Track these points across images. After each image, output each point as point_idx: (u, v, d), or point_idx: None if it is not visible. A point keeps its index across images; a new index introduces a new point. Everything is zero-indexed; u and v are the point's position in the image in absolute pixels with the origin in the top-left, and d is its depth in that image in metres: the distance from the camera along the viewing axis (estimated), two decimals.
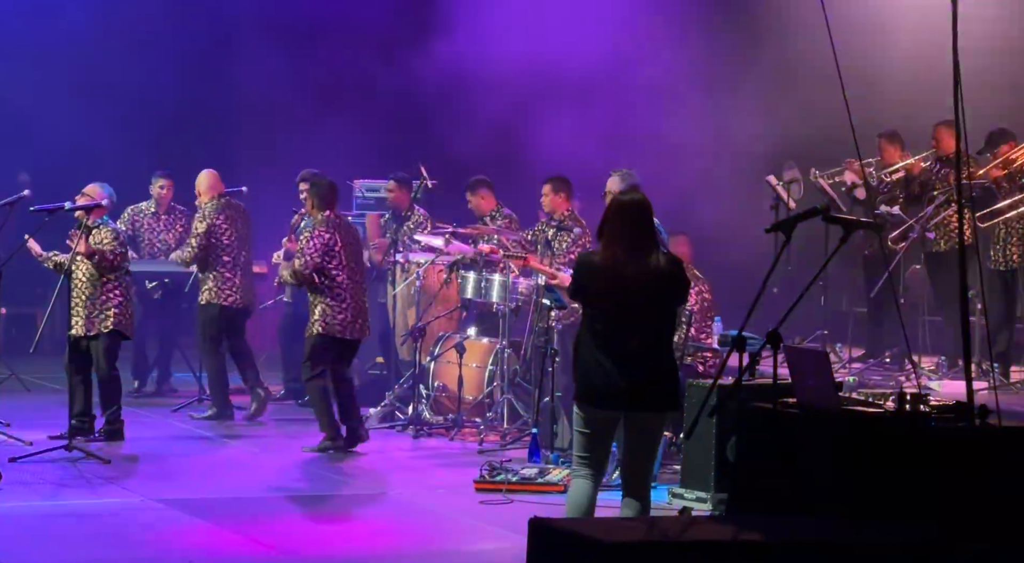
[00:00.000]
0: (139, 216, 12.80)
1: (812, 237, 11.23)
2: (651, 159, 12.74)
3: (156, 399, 12.66)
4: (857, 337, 12.38)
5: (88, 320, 10.32)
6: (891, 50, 13.07)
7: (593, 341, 6.59)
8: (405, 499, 8.89)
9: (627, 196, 6.77)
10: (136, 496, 8.68)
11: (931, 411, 5.89)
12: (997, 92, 11.69)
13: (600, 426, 6.65)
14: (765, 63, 13.92)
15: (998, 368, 10.56)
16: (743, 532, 5.23)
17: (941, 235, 11.39)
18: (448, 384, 11.31)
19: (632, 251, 6.56)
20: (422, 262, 11.93)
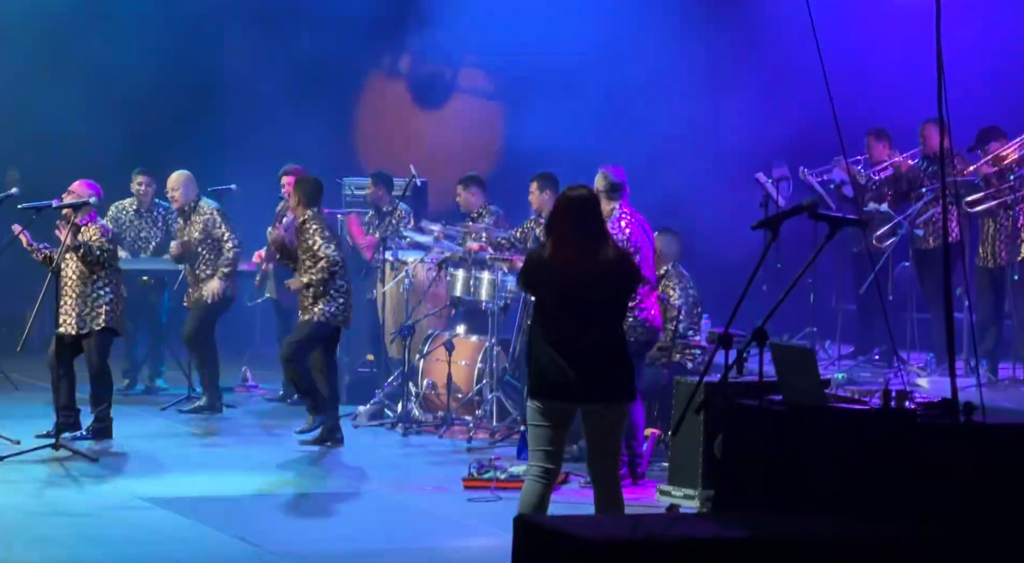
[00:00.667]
0: (122, 214, 12.79)
1: (801, 234, 11.24)
2: (641, 156, 12.75)
3: (144, 397, 12.63)
4: (846, 334, 12.39)
5: (79, 318, 10.31)
6: (880, 47, 13.07)
7: (545, 336, 6.62)
8: (394, 496, 8.89)
9: (574, 192, 6.76)
10: (124, 494, 8.67)
11: (916, 408, 5.89)
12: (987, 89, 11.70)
13: (555, 419, 6.66)
14: (755, 61, 13.94)
15: (985, 365, 10.57)
16: (729, 529, 5.23)
17: (929, 233, 11.40)
18: (437, 382, 11.30)
19: (581, 246, 6.59)
20: (411, 260, 11.93)
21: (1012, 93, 11.98)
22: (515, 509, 6.53)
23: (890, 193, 11.85)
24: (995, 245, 10.97)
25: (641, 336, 9.22)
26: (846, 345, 12.29)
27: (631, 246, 9.14)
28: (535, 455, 6.70)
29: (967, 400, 5.80)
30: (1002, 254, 10.93)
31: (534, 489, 6.66)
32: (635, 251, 9.15)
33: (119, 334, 10.67)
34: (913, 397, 5.96)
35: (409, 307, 11.67)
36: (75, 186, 10.44)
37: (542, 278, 6.67)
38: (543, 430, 6.67)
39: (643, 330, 9.22)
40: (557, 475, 6.81)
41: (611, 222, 9.21)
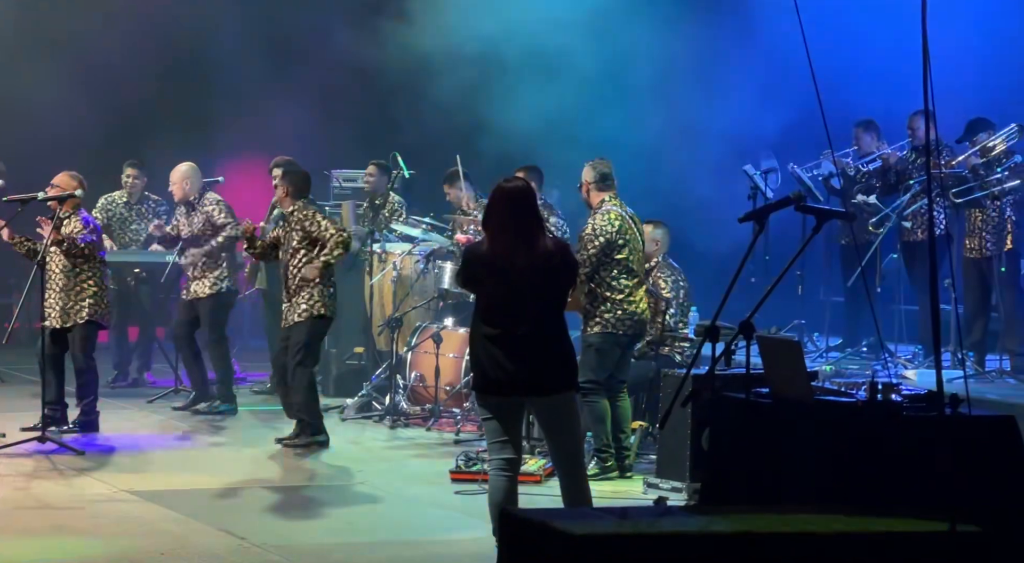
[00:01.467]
0: (112, 206, 12.74)
1: (790, 227, 11.23)
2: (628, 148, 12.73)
3: (132, 390, 12.60)
4: (834, 326, 12.40)
5: (63, 312, 10.27)
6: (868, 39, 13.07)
7: (486, 330, 6.63)
8: (381, 489, 8.87)
9: (510, 183, 6.78)
10: (109, 487, 8.65)
11: (903, 400, 5.89)
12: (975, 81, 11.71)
13: (502, 412, 6.69)
14: (743, 52, 13.91)
15: (972, 357, 10.58)
16: (715, 523, 5.22)
17: (917, 225, 11.41)
18: (425, 374, 11.29)
19: (519, 239, 6.60)
20: (399, 252, 11.91)
21: (1000, 84, 11.99)
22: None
23: (878, 185, 11.86)
24: (982, 236, 10.98)
25: (630, 330, 9.22)
26: (834, 337, 12.30)
27: (620, 238, 9.13)
28: (492, 448, 6.74)
29: (953, 392, 5.80)
30: (989, 245, 10.93)
31: (499, 484, 6.68)
32: (624, 243, 9.15)
33: (104, 327, 10.64)
34: (899, 389, 5.95)
35: (397, 299, 11.65)
36: (59, 178, 10.39)
37: (479, 272, 6.67)
38: (493, 423, 6.71)
39: (632, 323, 9.21)
40: (519, 463, 6.84)
41: (599, 214, 9.21)
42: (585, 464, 7.38)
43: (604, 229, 9.13)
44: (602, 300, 9.16)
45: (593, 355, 9.16)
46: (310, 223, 10.06)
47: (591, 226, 9.18)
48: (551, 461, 7.06)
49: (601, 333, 9.16)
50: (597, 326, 9.18)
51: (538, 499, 8.03)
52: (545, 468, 8.80)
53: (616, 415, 9.27)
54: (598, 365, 9.15)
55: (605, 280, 9.15)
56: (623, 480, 9.09)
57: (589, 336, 9.22)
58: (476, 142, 13.02)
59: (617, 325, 9.17)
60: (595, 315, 9.18)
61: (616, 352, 9.24)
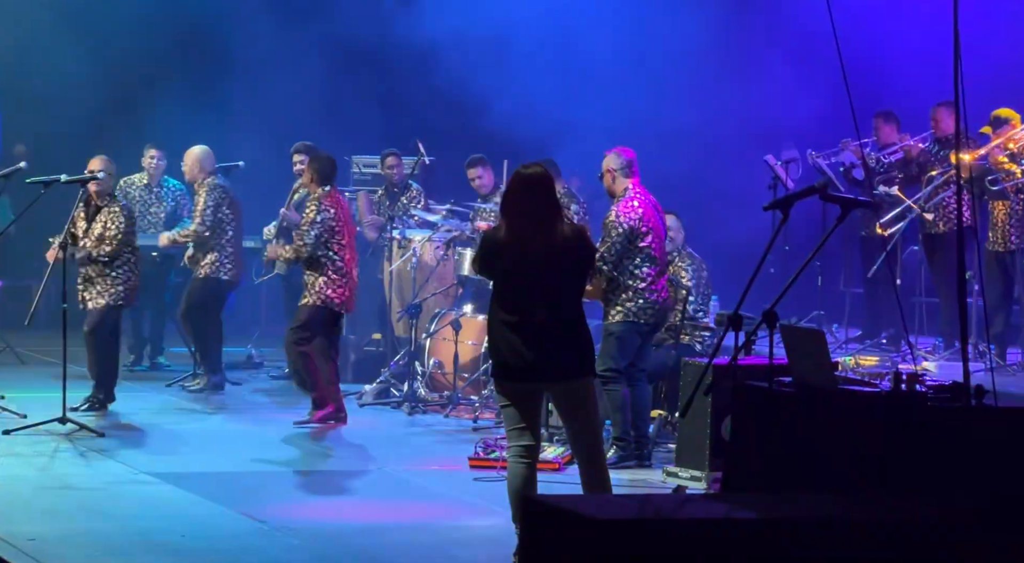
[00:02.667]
0: (131, 188, 12.76)
1: (810, 217, 11.22)
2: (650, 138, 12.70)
3: (150, 373, 12.64)
4: (854, 318, 12.37)
5: (96, 295, 10.38)
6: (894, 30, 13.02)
7: (503, 316, 6.62)
8: (399, 475, 8.88)
9: (528, 170, 6.76)
10: (130, 469, 8.67)
11: (927, 391, 5.87)
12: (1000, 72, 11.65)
13: (520, 399, 6.67)
14: (765, 41, 13.88)
15: (994, 350, 10.55)
16: (737, 510, 5.22)
17: (939, 217, 11.37)
18: (444, 361, 11.29)
19: (537, 225, 6.59)
20: (419, 238, 11.91)
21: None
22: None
23: (900, 176, 11.82)
24: (1005, 229, 10.93)
25: (651, 318, 9.20)
26: (853, 329, 12.26)
27: (643, 226, 9.11)
28: (510, 435, 6.73)
29: (978, 383, 5.78)
30: (1012, 238, 10.89)
31: (518, 470, 6.67)
32: (647, 231, 9.13)
33: (128, 305, 10.83)
34: (924, 380, 5.94)
35: (416, 286, 11.66)
36: (94, 163, 10.43)
37: (497, 258, 6.66)
38: (511, 410, 6.70)
39: (653, 312, 9.20)
40: (538, 450, 6.83)
41: (623, 202, 9.19)
42: (604, 451, 7.37)
43: (628, 216, 9.11)
44: (624, 288, 9.14)
45: (614, 343, 9.15)
46: (305, 218, 10.24)
47: (615, 213, 9.16)
48: (570, 448, 7.05)
49: (623, 321, 9.14)
50: (619, 315, 9.16)
51: (557, 487, 8.03)
52: (564, 456, 8.80)
53: (636, 404, 9.26)
54: (618, 353, 9.13)
55: (628, 268, 9.13)
56: (642, 469, 9.08)
57: (610, 324, 9.21)
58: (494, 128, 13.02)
59: (639, 314, 9.15)
60: (617, 303, 9.16)
61: (637, 340, 9.23)
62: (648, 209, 9.19)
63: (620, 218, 9.10)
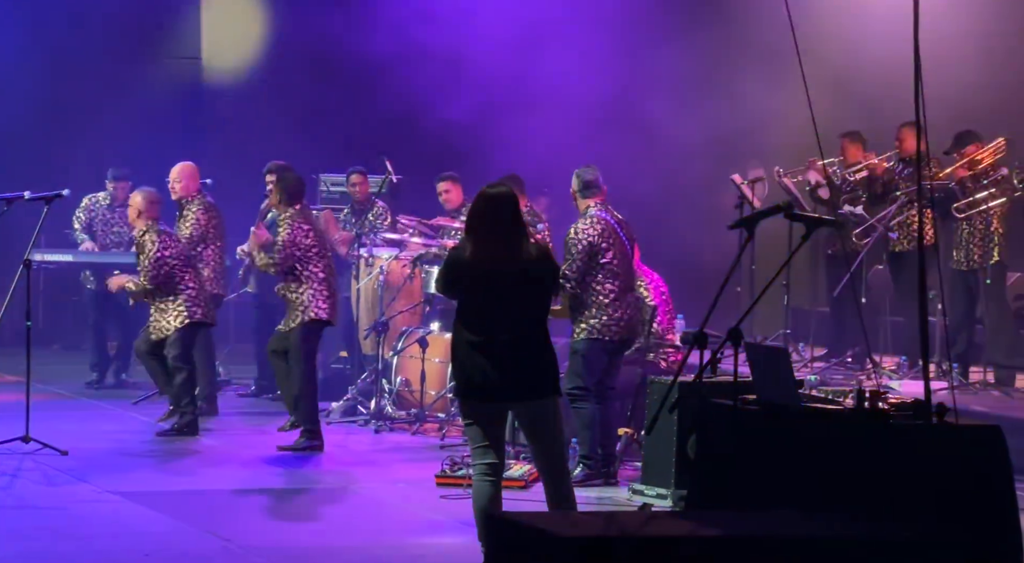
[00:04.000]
0: (95, 206, 12.73)
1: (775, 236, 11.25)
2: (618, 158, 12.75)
3: (116, 391, 12.57)
4: (819, 336, 12.42)
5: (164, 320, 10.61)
6: (858, 51, 13.12)
7: (467, 336, 6.65)
8: (367, 493, 8.87)
9: (493, 189, 6.79)
10: (94, 488, 8.63)
11: (890, 409, 5.91)
12: (963, 93, 11.75)
13: (484, 418, 6.70)
14: (730, 62, 13.96)
15: (957, 368, 10.61)
16: (703, 527, 5.24)
17: (904, 235, 11.45)
18: (411, 379, 11.28)
19: (502, 244, 6.62)
20: (386, 257, 11.91)
21: (988, 97, 12.03)
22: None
23: (864, 195, 11.89)
24: (969, 248, 11.02)
25: (616, 335, 9.22)
26: (819, 347, 12.32)
27: (603, 242, 9.15)
28: (475, 453, 6.75)
29: (940, 402, 5.82)
30: (975, 258, 10.97)
31: (483, 489, 6.69)
32: (608, 247, 9.16)
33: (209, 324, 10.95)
34: (887, 398, 5.98)
35: (383, 304, 11.65)
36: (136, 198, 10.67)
37: (462, 277, 6.68)
38: (475, 429, 6.72)
39: (618, 328, 9.22)
40: (503, 468, 6.85)
41: (582, 219, 9.23)
42: (569, 469, 7.39)
43: (586, 232, 9.15)
44: (588, 305, 9.17)
45: (580, 361, 9.17)
46: (280, 229, 10.19)
47: (573, 231, 9.22)
48: (535, 466, 7.08)
49: (587, 339, 9.17)
50: (584, 332, 9.18)
51: (523, 504, 8.02)
52: (530, 474, 8.81)
53: (604, 421, 9.28)
54: (585, 371, 9.15)
55: (591, 285, 9.16)
56: (608, 486, 9.10)
57: (576, 342, 9.23)
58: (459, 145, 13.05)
59: (603, 331, 9.17)
60: (581, 320, 9.19)
61: (604, 357, 9.24)
62: (608, 226, 9.23)
63: (579, 235, 9.15)
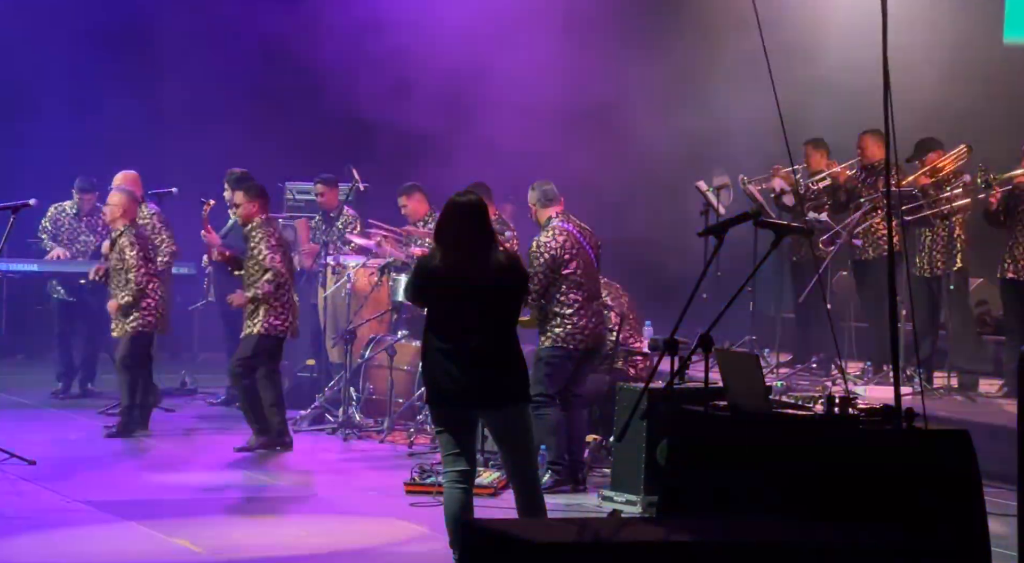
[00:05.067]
0: (61, 215, 12.69)
1: (741, 243, 11.32)
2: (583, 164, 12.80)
3: (82, 400, 12.51)
4: (785, 342, 12.50)
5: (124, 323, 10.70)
6: (821, 58, 13.21)
7: (437, 343, 6.68)
8: (335, 501, 8.87)
9: (462, 197, 6.83)
10: (62, 497, 8.59)
11: (859, 414, 5.96)
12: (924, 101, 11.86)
13: (455, 425, 6.73)
14: (694, 68, 14.02)
15: (922, 374, 10.71)
16: (675, 533, 5.27)
17: (868, 243, 11.54)
18: (378, 387, 11.29)
19: (471, 252, 6.66)
20: (353, 265, 11.91)
21: (950, 104, 12.15)
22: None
23: (828, 203, 11.97)
24: (931, 255, 11.12)
25: (581, 344, 9.26)
26: (785, 353, 12.40)
27: (566, 253, 9.20)
28: (446, 461, 6.78)
29: (908, 406, 5.88)
30: (938, 264, 11.07)
31: (454, 496, 6.72)
32: (571, 258, 9.22)
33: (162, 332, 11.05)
34: (856, 403, 6.03)
35: (350, 312, 11.66)
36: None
37: (431, 285, 6.71)
38: (446, 436, 6.75)
39: (583, 337, 9.26)
40: (474, 474, 6.88)
41: (545, 231, 9.29)
42: (539, 476, 7.41)
43: (548, 245, 9.21)
44: (552, 316, 9.22)
45: (543, 368, 9.21)
46: (255, 245, 10.21)
47: (536, 243, 9.30)
48: (505, 473, 7.11)
49: (551, 347, 9.22)
50: (548, 340, 9.24)
51: (492, 511, 8.06)
52: (499, 481, 8.83)
53: (572, 429, 9.32)
54: (547, 379, 9.19)
55: (555, 296, 9.22)
56: (577, 493, 9.13)
57: (540, 350, 9.29)
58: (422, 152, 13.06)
59: (567, 340, 9.22)
60: (546, 330, 9.25)
61: (568, 366, 9.29)
62: (571, 236, 9.28)
63: (541, 248, 9.21)
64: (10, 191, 11.28)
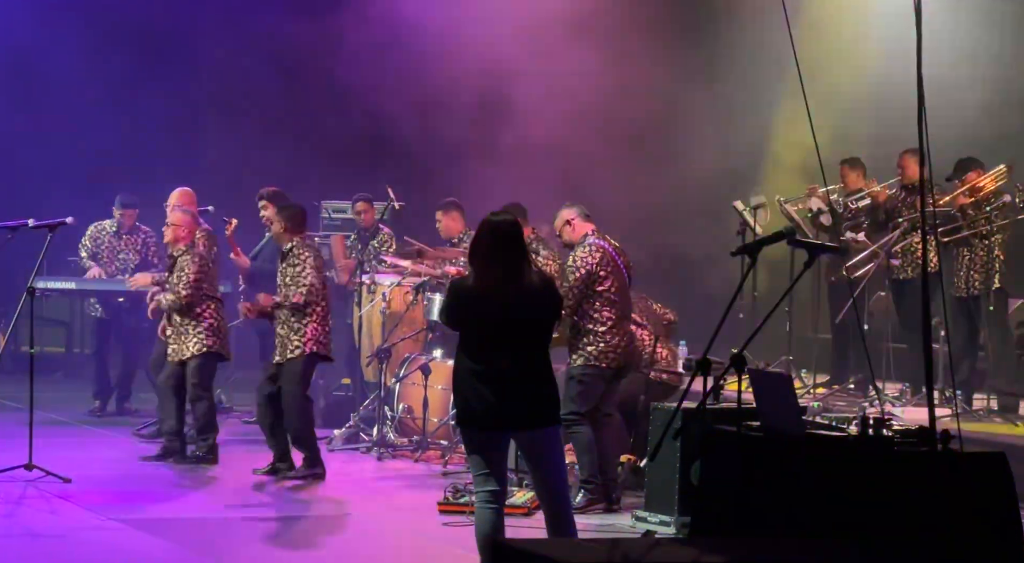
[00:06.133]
0: (101, 234, 12.75)
1: (778, 263, 11.29)
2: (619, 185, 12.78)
3: (118, 419, 12.56)
4: (822, 363, 12.43)
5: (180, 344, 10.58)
6: (859, 79, 13.16)
7: (468, 364, 6.65)
8: (369, 520, 8.85)
9: (498, 218, 6.80)
10: (96, 515, 8.61)
11: (894, 435, 5.91)
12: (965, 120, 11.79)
13: (485, 446, 6.70)
14: (732, 88, 13.99)
15: (960, 395, 10.61)
16: (706, 554, 5.22)
17: (907, 263, 11.46)
18: (413, 406, 11.28)
19: (505, 273, 6.62)
20: (388, 283, 11.92)
21: (990, 123, 12.07)
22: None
23: (867, 222, 11.90)
24: (970, 275, 11.03)
25: (613, 362, 9.23)
26: (821, 374, 12.33)
27: (602, 270, 9.18)
28: (477, 481, 6.75)
29: (944, 428, 5.82)
30: (976, 284, 10.98)
31: (485, 516, 6.69)
32: (606, 275, 9.20)
33: (224, 358, 10.82)
34: (891, 425, 5.97)
35: (385, 330, 11.66)
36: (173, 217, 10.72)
37: (465, 307, 6.68)
38: (477, 456, 6.72)
39: (615, 355, 9.23)
40: (504, 495, 6.85)
41: (582, 246, 9.26)
42: (570, 497, 7.38)
43: (585, 261, 9.19)
44: (585, 333, 9.19)
45: (575, 386, 9.18)
46: (299, 264, 10.09)
47: (572, 257, 9.29)
48: (536, 494, 7.08)
49: (584, 365, 9.19)
50: (580, 359, 9.21)
51: (525, 531, 8.02)
52: (532, 500, 8.79)
53: (603, 448, 9.27)
54: (579, 397, 9.16)
55: (588, 313, 9.19)
56: (611, 513, 9.08)
57: (572, 368, 9.25)
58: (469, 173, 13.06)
59: (600, 358, 9.19)
60: (578, 347, 9.22)
61: (600, 384, 9.25)
62: (607, 253, 9.26)
63: (578, 262, 9.20)
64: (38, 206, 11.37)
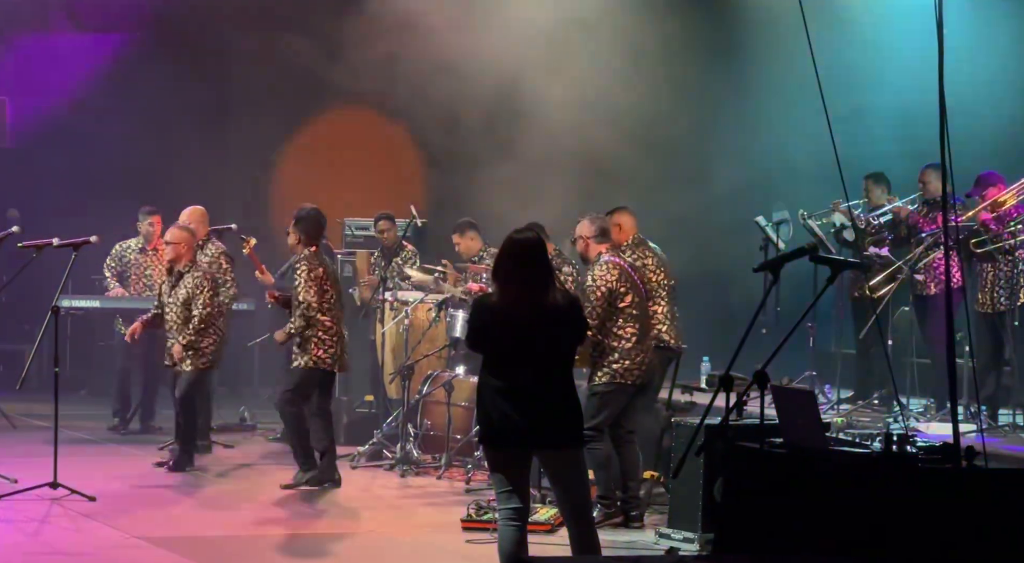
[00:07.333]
0: (126, 252, 12.78)
1: (801, 278, 11.25)
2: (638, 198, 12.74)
3: (142, 436, 12.59)
4: (846, 378, 12.38)
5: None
6: (881, 93, 13.13)
7: (492, 382, 6.64)
8: (392, 537, 8.86)
9: (521, 235, 6.78)
10: (121, 533, 8.64)
11: (918, 452, 5.88)
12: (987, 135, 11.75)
13: (507, 464, 6.69)
14: (753, 102, 13.97)
15: (985, 411, 10.56)
16: None
17: (930, 278, 11.42)
18: (436, 423, 11.28)
19: (528, 291, 6.60)
20: (411, 300, 11.93)
21: (1014, 138, 12.03)
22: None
23: (890, 238, 11.87)
24: (995, 291, 10.97)
25: (637, 379, 9.23)
26: (845, 389, 12.28)
27: (622, 286, 9.18)
28: (500, 498, 6.74)
29: (969, 445, 5.79)
30: (1002, 300, 10.93)
31: (508, 534, 6.68)
32: (626, 291, 9.19)
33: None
34: (915, 441, 5.95)
35: (408, 347, 11.67)
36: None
37: (488, 325, 6.67)
38: (500, 474, 6.71)
39: (639, 373, 9.22)
40: (528, 512, 6.83)
41: (599, 265, 9.26)
42: (592, 514, 7.36)
43: (604, 278, 9.18)
44: (610, 350, 9.17)
45: (597, 402, 9.16)
46: (296, 282, 10.21)
47: (591, 277, 9.27)
48: (559, 511, 7.07)
49: (609, 382, 9.17)
50: (606, 376, 9.18)
51: (549, 548, 8.01)
52: (556, 517, 8.78)
53: (625, 465, 9.26)
54: (601, 414, 9.15)
55: (611, 330, 9.18)
56: (634, 530, 9.06)
57: (596, 385, 9.22)
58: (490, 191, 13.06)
59: (625, 375, 9.18)
60: (603, 364, 9.19)
61: (622, 401, 9.24)
62: (624, 270, 9.26)
63: (598, 281, 9.18)
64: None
